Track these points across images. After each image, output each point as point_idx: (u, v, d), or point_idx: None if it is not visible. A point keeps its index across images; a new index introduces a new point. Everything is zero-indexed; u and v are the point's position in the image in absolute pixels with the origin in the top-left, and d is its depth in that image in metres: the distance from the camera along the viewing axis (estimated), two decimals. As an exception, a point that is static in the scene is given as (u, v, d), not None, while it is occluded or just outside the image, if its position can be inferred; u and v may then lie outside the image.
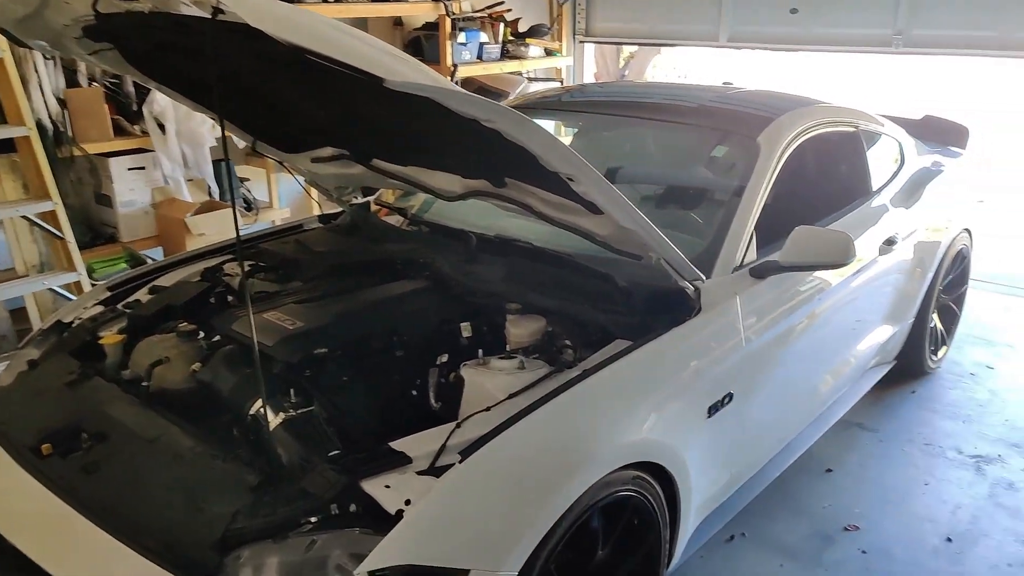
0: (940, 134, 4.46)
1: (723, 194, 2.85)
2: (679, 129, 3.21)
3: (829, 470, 3.33)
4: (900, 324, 3.65)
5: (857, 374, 3.47)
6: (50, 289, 4.06)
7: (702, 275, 2.40)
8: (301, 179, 3.23)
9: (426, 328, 2.41)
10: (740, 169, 2.86)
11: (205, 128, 4.59)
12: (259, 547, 1.74)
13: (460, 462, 1.81)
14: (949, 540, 2.93)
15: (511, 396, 2.05)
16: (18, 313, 4.25)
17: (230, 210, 4.73)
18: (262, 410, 2.07)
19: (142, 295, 2.82)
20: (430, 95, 1.66)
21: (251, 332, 2.33)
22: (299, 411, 2.07)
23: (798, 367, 2.89)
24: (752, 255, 2.68)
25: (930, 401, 3.88)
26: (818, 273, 2.82)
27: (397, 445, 1.89)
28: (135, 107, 4.44)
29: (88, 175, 4.46)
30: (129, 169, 4.44)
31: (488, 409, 2.00)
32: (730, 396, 2.45)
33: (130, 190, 4.47)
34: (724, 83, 4.02)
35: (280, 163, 3.06)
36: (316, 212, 3.56)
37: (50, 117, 4.07)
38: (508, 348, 2.33)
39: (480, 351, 2.27)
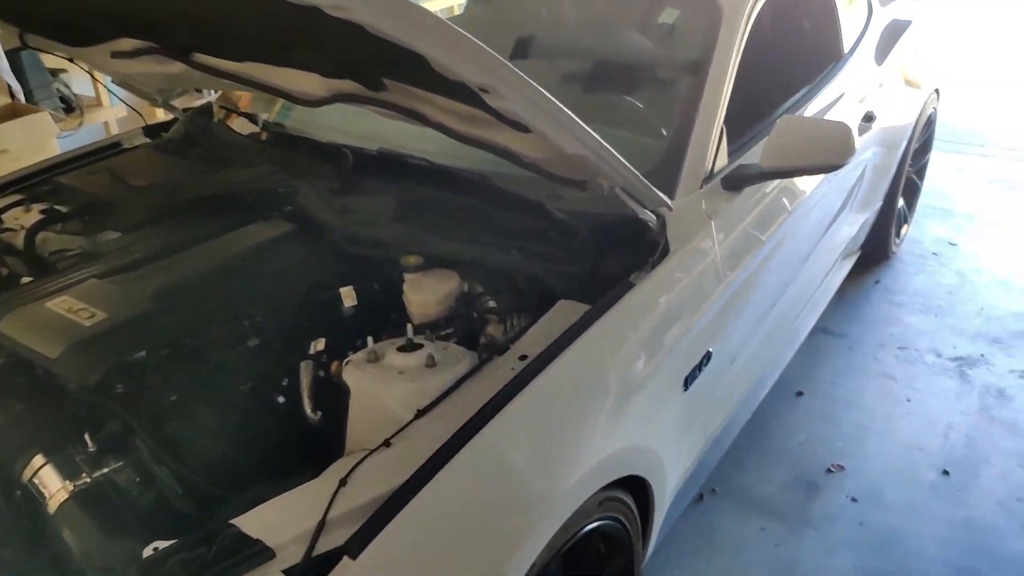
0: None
1: (679, 76, 2.18)
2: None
3: (800, 393, 2.84)
4: (870, 210, 3.11)
5: (826, 274, 2.94)
6: None
7: (669, 201, 1.75)
8: (107, 79, 2.39)
9: (291, 299, 1.72)
10: (699, 41, 2.17)
11: (-6, 8, 3.55)
12: None
13: (351, 554, 1.16)
14: (946, 473, 2.49)
15: (419, 414, 1.39)
16: None
17: (43, 115, 3.80)
18: (39, 476, 1.37)
19: None
20: None
21: (23, 333, 1.61)
22: (99, 471, 1.37)
23: (774, 288, 2.31)
24: (723, 159, 2.03)
25: (896, 292, 3.41)
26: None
27: (249, 524, 1.22)
28: None
29: None
30: None
31: (388, 443, 1.34)
32: (708, 356, 1.86)
33: (-97, 96, 3.48)
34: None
35: (71, 60, 2.22)
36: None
37: None
38: (410, 324, 1.66)
39: (369, 337, 1.58)
